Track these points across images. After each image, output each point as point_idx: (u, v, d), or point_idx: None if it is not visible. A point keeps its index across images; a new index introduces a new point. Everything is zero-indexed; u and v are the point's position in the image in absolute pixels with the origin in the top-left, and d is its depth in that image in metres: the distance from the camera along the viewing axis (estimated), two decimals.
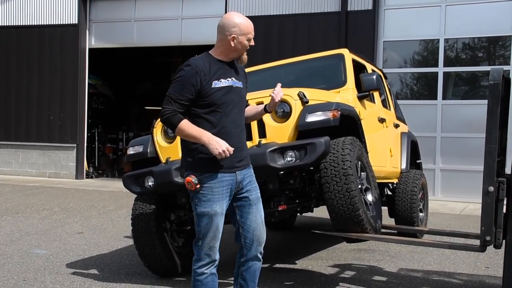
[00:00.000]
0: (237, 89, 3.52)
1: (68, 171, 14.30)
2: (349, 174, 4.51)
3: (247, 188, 3.51)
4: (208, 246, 3.41)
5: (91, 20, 14.49)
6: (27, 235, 7.14)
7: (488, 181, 3.82)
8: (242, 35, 3.46)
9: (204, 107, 3.41)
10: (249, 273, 3.57)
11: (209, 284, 3.45)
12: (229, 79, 3.48)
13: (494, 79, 3.85)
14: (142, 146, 5.24)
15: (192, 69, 3.38)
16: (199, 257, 3.44)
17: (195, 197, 3.43)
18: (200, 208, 3.41)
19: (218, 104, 3.41)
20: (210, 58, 3.50)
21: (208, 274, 3.44)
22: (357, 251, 6.39)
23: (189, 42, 13.54)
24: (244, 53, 3.55)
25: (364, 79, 5.68)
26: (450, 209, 10.13)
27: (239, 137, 3.49)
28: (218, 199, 3.40)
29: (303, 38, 12.25)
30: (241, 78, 3.60)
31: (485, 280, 5.20)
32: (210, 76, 3.41)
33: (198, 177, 3.39)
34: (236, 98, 3.50)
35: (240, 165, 3.48)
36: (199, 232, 3.44)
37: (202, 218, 3.41)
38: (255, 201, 3.54)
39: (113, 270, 5.51)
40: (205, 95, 3.40)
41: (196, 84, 3.37)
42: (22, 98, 14.69)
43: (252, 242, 3.52)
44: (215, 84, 3.41)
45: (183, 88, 3.37)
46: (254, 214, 3.52)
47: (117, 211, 9.23)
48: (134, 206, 5.20)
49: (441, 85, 11.61)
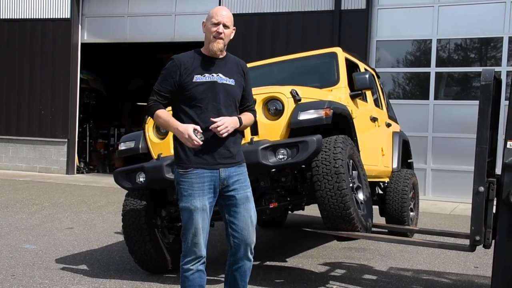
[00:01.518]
0: (224, 86, 3.46)
1: (58, 166, 14.23)
2: (341, 172, 4.51)
3: (234, 186, 3.45)
4: (192, 242, 3.40)
5: (84, 14, 14.42)
6: (16, 230, 7.10)
7: (479, 181, 3.84)
8: (208, 20, 3.49)
9: (185, 100, 3.43)
10: (239, 272, 3.54)
11: (196, 281, 3.44)
12: (214, 75, 3.45)
13: (485, 79, 3.87)
14: (133, 141, 5.23)
15: (173, 62, 3.48)
16: (185, 253, 3.45)
17: (178, 192, 3.45)
18: (182, 203, 3.42)
19: (199, 98, 3.40)
20: (196, 53, 3.53)
21: (194, 271, 3.43)
22: (347, 250, 6.41)
23: (182, 38, 13.50)
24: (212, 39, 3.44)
25: (357, 78, 5.69)
26: (441, 208, 10.18)
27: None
28: (198, 195, 3.37)
29: (296, 36, 12.26)
30: (234, 76, 3.53)
31: (474, 280, 5.22)
32: (191, 70, 3.43)
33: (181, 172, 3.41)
34: (222, 94, 3.44)
35: (225, 162, 3.42)
36: (183, 227, 3.45)
37: (183, 212, 3.42)
38: (242, 200, 3.46)
39: (103, 266, 5.49)
40: (185, 88, 3.42)
41: (175, 77, 3.43)
42: (14, 92, 14.60)
43: (240, 242, 3.47)
44: (197, 78, 3.42)
45: (164, 81, 3.49)
46: (242, 214, 3.46)
47: (107, 207, 9.20)
48: (125, 202, 5.18)
49: (433, 85, 11.67)
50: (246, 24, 12.03)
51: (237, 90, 3.54)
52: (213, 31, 3.44)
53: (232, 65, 3.57)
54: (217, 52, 3.48)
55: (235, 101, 3.53)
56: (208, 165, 3.39)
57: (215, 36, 3.44)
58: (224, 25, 3.46)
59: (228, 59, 3.57)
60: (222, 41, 3.46)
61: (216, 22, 3.44)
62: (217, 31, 3.43)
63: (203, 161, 3.39)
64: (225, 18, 3.47)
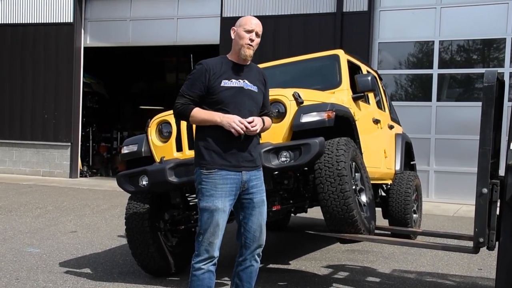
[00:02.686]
0: (249, 92, 3.59)
1: (62, 169, 14.26)
2: (343, 175, 4.51)
3: (252, 190, 3.56)
4: (208, 241, 3.46)
5: (87, 18, 14.46)
6: (20, 234, 7.11)
7: (482, 183, 3.83)
8: (240, 26, 3.57)
9: (212, 104, 3.52)
10: (246, 273, 3.63)
11: (205, 281, 3.49)
12: (240, 81, 3.58)
13: (488, 81, 3.86)
14: (136, 145, 5.24)
15: (202, 66, 3.55)
16: (198, 252, 3.49)
17: (199, 192, 3.51)
18: (203, 202, 3.48)
19: (226, 103, 3.50)
20: (224, 59, 3.65)
21: (205, 270, 3.48)
22: (350, 252, 6.40)
23: (184, 41, 13.54)
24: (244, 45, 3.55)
25: (359, 80, 5.69)
26: (444, 210, 10.16)
27: (246, 138, 3.52)
28: (220, 196, 3.46)
29: (298, 39, 12.26)
30: (257, 83, 3.66)
31: (478, 282, 5.21)
32: (219, 74, 3.53)
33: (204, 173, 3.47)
34: (247, 100, 3.57)
35: (247, 165, 3.54)
36: (200, 227, 3.50)
37: (203, 212, 3.48)
38: (258, 204, 3.59)
39: (106, 269, 5.50)
40: (213, 92, 3.51)
41: (204, 81, 3.51)
42: (17, 97, 14.64)
43: (251, 243, 3.58)
44: (224, 83, 3.53)
45: (193, 85, 3.54)
46: (256, 217, 3.58)
47: (110, 210, 9.21)
48: (128, 205, 5.18)
49: (436, 87, 11.65)
50: None
51: (260, 96, 3.68)
52: (246, 37, 3.55)
53: (255, 73, 3.70)
54: (248, 59, 3.61)
55: (258, 107, 3.66)
56: (232, 167, 3.49)
57: (247, 43, 3.55)
58: (256, 34, 3.59)
59: (252, 67, 3.71)
60: (252, 48, 3.59)
61: (249, 30, 3.56)
62: (250, 38, 3.55)
63: (227, 163, 3.48)
64: (258, 27, 3.60)
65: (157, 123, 5.12)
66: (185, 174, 4.60)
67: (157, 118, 5.15)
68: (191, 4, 13.38)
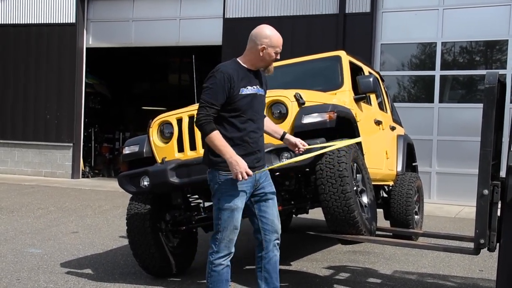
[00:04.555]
0: (260, 97, 3.77)
1: (64, 170, 14.28)
2: (345, 176, 4.51)
3: (263, 184, 3.78)
4: (228, 238, 3.66)
5: (89, 19, 14.49)
6: (21, 234, 7.12)
7: (483, 184, 3.82)
8: (271, 47, 3.71)
9: (230, 111, 3.63)
10: (271, 264, 3.85)
11: (224, 275, 3.70)
12: (254, 87, 3.72)
13: (489, 82, 3.86)
14: (138, 145, 5.24)
15: (223, 75, 3.60)
16: (218, 250, 3.67)
17: (218, 193, 3.66)
18: (223, 203, 3.64)
19: (243, 109, 3.64)
20: (237, 65, 3.72)
21: (224, 266, 3.69)
22: (352, 253, 6.40)
23: (187, 42, 13.55)
24: (271, 64, 3.76)
25: (361, 81, 5.69)
26: (446, 212, 10.15)
27: (259, 140, 3.74)
28: (240, 195, 3.65)
29: (300, 40, 12.25)
30: (263, 86, 3.84)
31: (479, 283, 5.20)
32: (238, 82, 3.62)
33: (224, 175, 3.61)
34: (259, 105, 3.75)
35: (259, 165, 3.73)
36: (219, 225, 3.66)
37: (224, 211, 3.65)
38: (271, 194, 3.83)
39: (108, 270, 5.50)
40: (232, 100, 3.61)
41: (227, 90, 3.59)
42: (19, 97, 14.67)
43: (271, 234, 3.82)
44: (242, 91, 3.64)
45: (217, 94, 3.59)
46: (271, 208, 3.82)
47: (112, 211, 9.22)
48: (129, 206, 5.19)
49: (438, 88, 11.64)
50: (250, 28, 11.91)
51: (265, 98, 3.91)
52: (274, 57, 3.74)
53: (261, 76, 3.85)
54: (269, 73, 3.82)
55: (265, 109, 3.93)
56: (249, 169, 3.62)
57: (273, 60, 3.76)
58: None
59: (258, 71, 3.83)
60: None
61: (279, 52, 3.76)
62: (276, 58, 3.77)
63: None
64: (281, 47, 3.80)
65: (158, 123, 5.12)
66: (187, 175, 4.61)
67: (158, 119, 5.14)
68: (194, 5, 13.39)
